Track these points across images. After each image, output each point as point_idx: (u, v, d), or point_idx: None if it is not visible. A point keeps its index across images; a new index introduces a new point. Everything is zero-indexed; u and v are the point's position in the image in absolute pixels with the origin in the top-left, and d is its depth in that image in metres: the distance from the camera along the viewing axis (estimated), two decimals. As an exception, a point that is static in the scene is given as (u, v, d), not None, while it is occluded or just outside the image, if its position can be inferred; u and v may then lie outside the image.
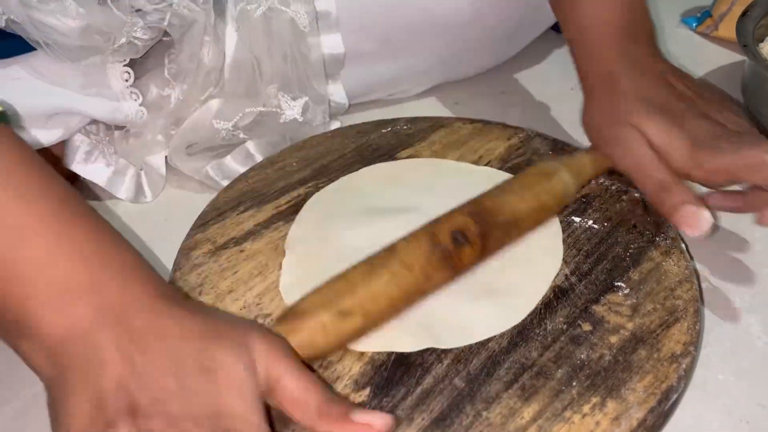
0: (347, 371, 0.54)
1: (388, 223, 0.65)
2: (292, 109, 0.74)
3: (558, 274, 0.61)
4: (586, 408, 0.51)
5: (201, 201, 0.72)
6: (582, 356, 0.54)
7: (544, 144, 0.75)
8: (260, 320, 0.59)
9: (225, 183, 0.77)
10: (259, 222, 0.68)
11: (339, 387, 0.53)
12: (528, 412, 0.51)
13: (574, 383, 0.52)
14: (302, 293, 0.59)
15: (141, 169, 0.79)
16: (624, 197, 0.68)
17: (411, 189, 0.70)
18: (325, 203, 0.69)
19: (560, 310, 0.58)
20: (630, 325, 0.56)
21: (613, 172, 0.70)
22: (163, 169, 0.81)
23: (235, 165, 0.79)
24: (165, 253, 0.73)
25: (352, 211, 0.68)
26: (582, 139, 0.81)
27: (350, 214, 0.67)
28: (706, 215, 0.56)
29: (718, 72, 0.93)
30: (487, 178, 0.70)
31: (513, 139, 0.76)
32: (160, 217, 0.78)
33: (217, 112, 0.74)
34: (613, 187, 0.69)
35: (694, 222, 0.56)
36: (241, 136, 0.76)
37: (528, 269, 0.61)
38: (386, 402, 0.52)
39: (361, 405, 0.52)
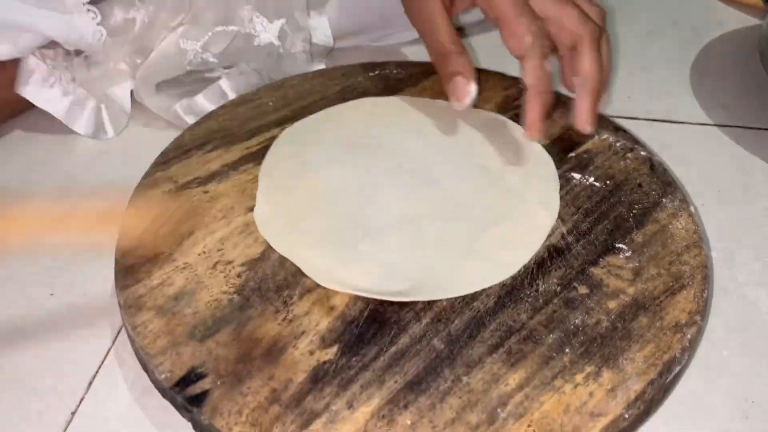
0: (314, 326, 0.48)
1: (370, 160, 0.60)
2: (267, 32, 0.67)
3: (554, 233, 0.55)
4: (578, 377, 0.45)
5: (167, 141, 0.66)
6: (576, 321, 0.49)
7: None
8: (221, 267, 0.52)
9: (191, 119, 0.70)
10: (226, 163, 0.61)
11: (303, 343, 0.47)
12: (513, 378, 0.45)
13: (567, 350, 0.47)
14: (278, 225, 0.53)
15: (102, 103, 0.72)
16: (629, 155, 0.62)
17: (397, 127, 0.64)
18: (302, 134, 0.63)
19: (554, 270, 0.52)
20: (631, 290, 0.51)
21: (618, 129, 0.65)
22: (127, 104, 0.74)
23: (206, 104, 0.72)
24: (123, 195, 0.66)
25: (331, 143, 0.62)
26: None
27: (330, 147, 0.62)
28: (472, 90, 0.57)
29: (734, 35, 0.87)
30: (481, 120, 0.64)
31: (510, 90, 0.70)
32: (121, 157, 0.71)
33: (183, 32, 0.67)
34: (618, 144, 0.63)
35: (461, 94, 0.57)
36: (211, 59, 0.69)
37: (520, 223, 0.55)
38: (355, 362, 0.46)
39: (327, 366, 0.46)
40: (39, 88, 0.68)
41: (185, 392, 0.45)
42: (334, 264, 0.52)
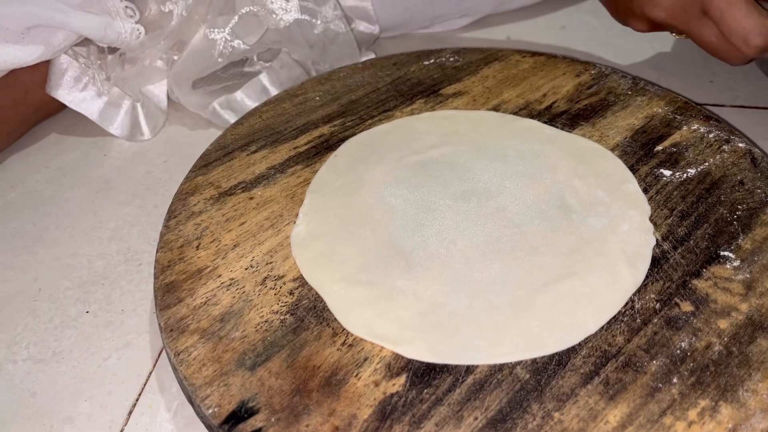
0: (377, 351, 0.42)
1: (434, 183, 0.53)
2: (288, 11, 0.61)
3: (643, 239, 0.48)
4: (692, 413, 0.38)
5: (206, 142, 0.61)
6: (683, 344, 0.42)
7: (623, 82, 0.61)
8: (270, 282, 0.47)
9: (230, 116, 0.65)
10: (273, 165, 0.56)
11: (366, 372, 0.41)
12: (614, 415, 0.39)
13: (675, 380, 0.40)
14: (314, 250, 0.47)
15: (138, 102, 0.67)
16: (725, 147, 0.54)
17: (471, 146, 0.56)
18: (362, 148, 0.57)
19: (651, 284, 0.45)
20: (744, 307, 0.43)
21: (709, 117, 0.57)
22: (163, 103, 0.69)
23: (246, 100, 0.67)
24: (162, 200, 0.61)
25: (394, 160, 0.55)
26: (664, 79, 0.68)
27: (391, 164, 0.55)
28: None
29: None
30: (570, 146, 0.56)
31: (583, 76, 0.62)
32: (159, 159, 0.67)
33: (210, 21, 0.61)
34: (711, 135, 0.56)
35: None
36: (242, 47, 0.63)
37: (594, 281, 0.46)
38: (427, 395, 0.40)
39: (395, 399, 0.40)
40: (71, 89, 0.63)
41: (236, 430, 0.39)
42: (364, 303, 0.45)
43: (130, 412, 0.46)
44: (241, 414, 0.40)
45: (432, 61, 0.65)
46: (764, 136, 0.59)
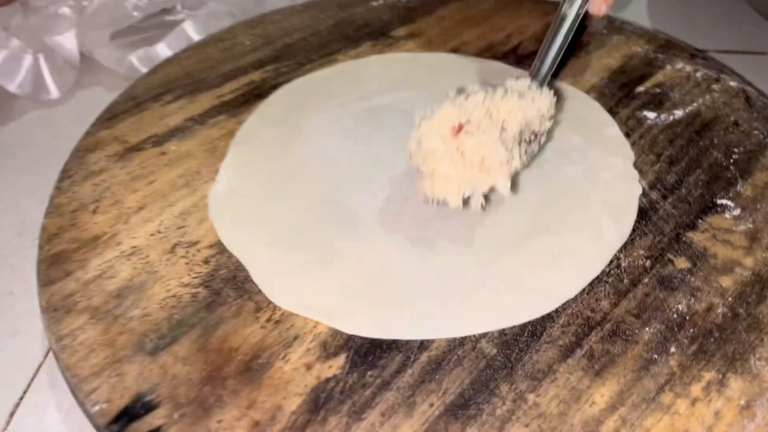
0: (310, 329, 0.34)
1: (379, 133, 0.45)
2: None
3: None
4: (696, 389, 0.31)
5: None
6: (680, 307, 0.34)
7: (597, 21, 0.54)
8: (180, 250, 0.38)
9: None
10: (191, 116, 0.47)
11: (297, 354, 0.33)
12: (602, 394, 0.31)
13: (672, 349, 0.33)
14: (236, 210, 0.39)
15: (42, 55, 0.58)
16: (715, 86, 0.48)
17: (421, 91, 0.48)
18: (297, 96, 0.48)
19: (639, 238, 0.38)
20: (749, 262, 0.36)
21: (695, 56, 0.50)
22: (74, 57, 0.60)
23: (168, 52, 0.58)
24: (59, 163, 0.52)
25: (334, 109, 0.47)
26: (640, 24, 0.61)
27: (331, 113, 0.47)
28: None
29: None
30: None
31: (553, 14, 0.55)
32: (68, 121, 0.57)
33: None
34: (698, 74, 0.49)
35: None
36: None
37: (573, 239, 0.38)
38: (371, 377, 0.32)
39: (331, 385, 0.32)
40: (-44, 37, 0.53)
41: (128, 430, 0.31)
42: (296, 271, 0.37)
43: (12, 413, 0.38)
44: (136, 410, 0.31)
45: (381, 1, 0.57)
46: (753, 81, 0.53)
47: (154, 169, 0.43)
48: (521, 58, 0.51)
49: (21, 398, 0.38)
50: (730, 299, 0.35)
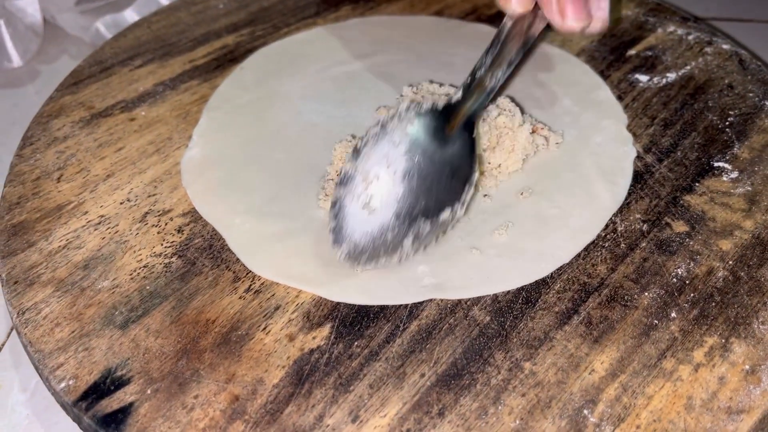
0: (292, 298, 0.32)
1: (359, 97, 0.43)
2: None
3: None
4: (698, 354, 0.30)
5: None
6: (679, 271, 0.33)
7: None
8: (152, 218, 0.36)
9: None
10: (162, 80, 0.44)
11: (278, 324, 0.31)
12: (601, 361, 0.30)
13: (673, 314, 0.31)
14: (210, 177, 0.37)
15: (2, 20, 0.55)
16: (707, 49, 0.46)
17: (403, 55, 0.46)
18: (274, 60, 0.46)
19: (635, 203, 0.36)
20: (749, 224, 0.35)
21: (686, 19, 0.49)
22: (37, 24, 0.57)
23: (137, 18, 0.55)
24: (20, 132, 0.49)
25: (312, 73, 0.45)
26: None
27: (308, 78, 0.44)
28: None
29: None
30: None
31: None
32: (32, 90, 0.54)
33: None
34: (690, 37, 0.47)
35: None
36: None
37: (566, 202, 0.36)
38: (359, 348, 0.30)
39: (316, 356, 0.30)
40: None
41: (97, 408, 0.28)
42: (276, 239, 0.35)
43: (-27, 395, 0.35)
44: (105, 386, 0.29)
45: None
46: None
47: (123, 135, 0.41)
48: (508, 21, 0.49)
49: (-18, 379, 0.36)
50: (730, 263, 0.33)
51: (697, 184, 0.37)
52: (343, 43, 0.47)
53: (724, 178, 0.37)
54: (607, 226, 0.35)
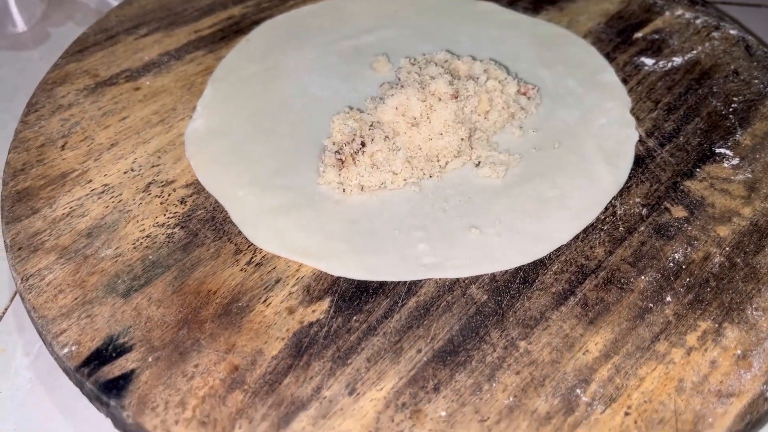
0: (293, 272, 0.33)
1: (365, 71, 0.43)
2: None
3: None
4: (691, 338, 0.30)
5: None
6: (676, 256, 0.33)
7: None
8: (155, 189, 0.36)
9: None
10: (167, 50, 0.44)
11: (278, 297, 0.32)
12: (595, 342, 0.30)
13: (668, 298, 0.32)
14: (214, 149, 0.37)
15: (6, -16, 0.55)
16: (714, 34, 0.46)
17: (414, 29, 0.46)
18: (281, 32, 0.46)
19: (635, 186, 0.37)
20: (747, 212, 0.35)
21: (695, 2, 0.48)
22: (41, -11, 0.56)
23: (145, -17, 0.54)
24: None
25: (319, 46, 0.44)
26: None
27: (315, 50, 0.44)
28: None
29: None
30: (522, 31, 0.46)
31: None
32: (36, 56, 0.54)
33: None
34: (698, 21, 0.47)
35: None
36: None
37: (567, 184, 0.37)
38: (357, 322, 0.31)
39: (315, 329, 0.31)
40: None
41: (99, 374, 0.29)
42: (278, 212, 0.35)
43: (-24, 357, 0.36)
44: (107, 353, 0.30)
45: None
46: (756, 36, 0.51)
47: (127, 104, 0.41)
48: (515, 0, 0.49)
49: (-14, 342, 0.36)
50: (727, 249, 0.34)
51: (697, 170, 0.37)
52: (350, 16, 0.47)
53: (725, 165, 0.38)
54: (606, 208, 0.35)
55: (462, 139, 0.37)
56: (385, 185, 0.36)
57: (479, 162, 0.37)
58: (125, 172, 0.37)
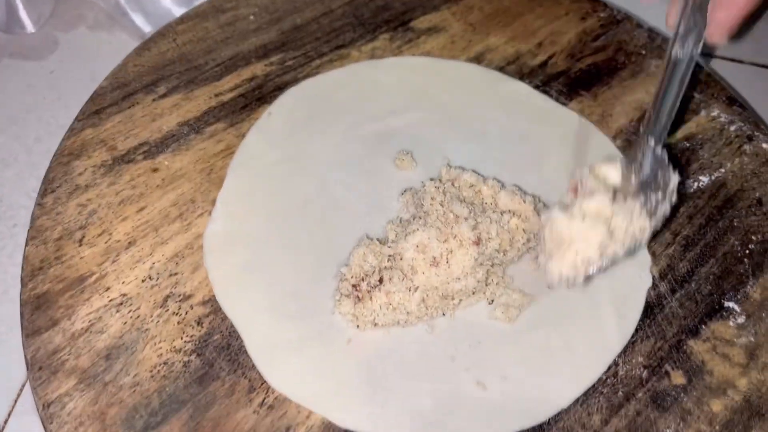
0: (303, 419, 0.34)
1: (383, 174, 0.42)
2: None
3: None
4: None
5: (109, 49, 0.47)
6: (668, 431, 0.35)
7: (637, 34, 0.49)
8: (172, 304, 0.37)
9: (139, 19, 0.50)
10: (186, 119, 0.43)
11: (288, 448, 0.33)
12: None
13: (653, 482, 0.34)
14: (233, 261, 0.37)
15: (14, -13, 0.51)
16: (746, 147, 0.45)
17: (444, 118, 0.44)
18: (306, 104, 0.44)
19: (640, 342, 0.38)
20: (743, 384, 0.37)
21: (733, 101, 0.47)
22: (50, -11, 0.53)
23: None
24: (47, 131, 0.49)
25: (343, 133, 0.43)
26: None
27: (338, 139, 0.43)
28: None
29: None
30: (552, 127, 0.45)
31: (590, 20, 0.50)
32: (45, 69, 0.52)
33: None
34: (732, 128, 0.46)
35: None
36: None
37: (575, 335, 0.37)
38: (361, 484, 0.33)
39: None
40: None
41: None
42: (292, 347, 0.36)
43: (-2, 437, 0.38)
44: (126, 501, 0.32)
45: (405, -26, 0.51)
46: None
47: (145, 190, 0.40)
48: (550, 78, 0.47)
49: (5, 422, 0.38)
50: (717, 427, 0.35)
51: (703, 327, 0.38)
52: (377, 90, 0.45)
53: (731, 323, 0.38)
54: (609, 368, 0.37)
55: (479, 281, 0.37)
56: (398, 323, 0.37)
57: (492, 300, 0.38)
58: (143, 281, 0.37)
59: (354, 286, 0.37)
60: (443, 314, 0.38)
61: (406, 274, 0.37)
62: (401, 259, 0.37)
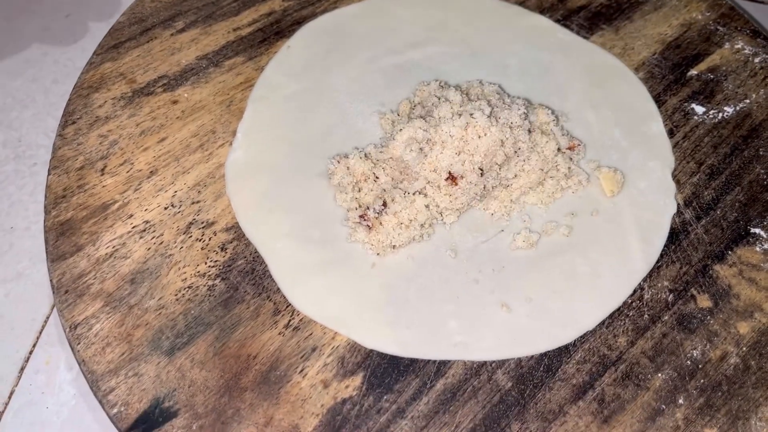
0: (329, 340, 0.34)
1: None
2: None
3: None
4: (696, 446, 0.33)
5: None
6: (695, 353, 0.35)
7: (658, -29, 0.48)
8: (196, 231, 0.37)
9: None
10: (205, 53, 0.43)
11: (314, 368, 0.33)
12: (606, 442, 0.32)
13: (681, 400, 0.34)
14: (255, 188, 0.37)
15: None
16: (772, 79, 0.44)
17: (465, 51, 0.44)
18: (325, 37, 0.44)
19: (666, 267, 0.37)
20: (770, 306, 0.36)
21: (757, 33, 0.46)
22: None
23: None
24: (64, 72, 0.48)
25: (363, 66, 0.43)
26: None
27: (357, 71, 0.43)
28: None
29: None
30: (574, 59, 0.44)
31: (610, -44, 0.49)
32: (60, 12, 0.52)
33: None
34: (756, 60, 0.45)
35: None
36: None
37: (598, 262, 0.38)
38: (387, 402, 0.33)
39: (347, 407, 0.33)
40: None
41: (147, 436, 0.31)
42: (315, 270, 0.36)
43: (22, 368, 0.38)
44: (154, 417, 0.32)
45: None
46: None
47: (165, 121, 0.40)
48: (570, 12, 0.46)
49: (30, 352, 0.39)
50: (744, 348, 0.35)
51: (729, 252, 0.38)
52: (396, 24, 0.45)
53: (757, 248, 0.38)
54: (634, 291, 0.36)
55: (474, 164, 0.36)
56: (414, 239, 0.37)
57: (502, 230, 0.38)
58: (166, 208, 0.37)
59: (362, 216, 0.36)
60: (456, 216, 0.37)
61: (406, 191, 0.37)
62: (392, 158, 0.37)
